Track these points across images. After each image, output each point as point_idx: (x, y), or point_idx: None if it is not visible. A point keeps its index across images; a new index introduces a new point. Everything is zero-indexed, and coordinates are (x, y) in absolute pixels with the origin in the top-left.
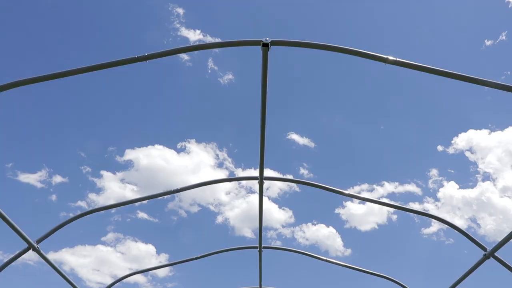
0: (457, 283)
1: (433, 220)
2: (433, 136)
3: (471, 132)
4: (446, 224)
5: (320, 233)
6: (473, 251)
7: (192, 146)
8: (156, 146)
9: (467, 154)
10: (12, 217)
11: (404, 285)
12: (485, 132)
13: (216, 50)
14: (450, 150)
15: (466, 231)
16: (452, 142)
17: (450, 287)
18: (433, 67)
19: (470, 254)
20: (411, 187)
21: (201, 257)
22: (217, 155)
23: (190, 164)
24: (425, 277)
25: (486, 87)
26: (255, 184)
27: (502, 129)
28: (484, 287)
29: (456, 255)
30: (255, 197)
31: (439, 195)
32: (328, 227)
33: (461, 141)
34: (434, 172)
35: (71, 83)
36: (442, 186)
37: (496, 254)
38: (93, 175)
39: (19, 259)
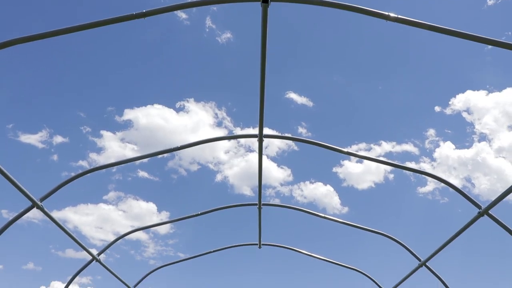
0: (452, 239)
1: (429, 179)
2: (430, 97)
3: (469, 93)
4: (441, 181)
5: (318, 192)
6: (467, 209)
7: (191, 105)
8: (155, 105)
9: (464, 115)
10: (15, 177)
11: (400, 241)
12: (482, 93)
13: (214, 8)
14: (448, 111)
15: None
16: (450, 102)
17: (445, 243)
18: (435, 25)
19: (464, 213)
20: (408, 147)
21: (201, 213)
22: (216, 114)
23: (189, 123)
24: (420, 234)
25: (486, 48)
26: (253, 142)
27: (499, 90)
28: (477, 244)
29: (450, 214)
30: (253, 156)
31: (435, 155)
32: (325, 185)
33: (459, 102)
34: (431, 132)
35: (70, 43)
36: (438, 146)
37: (490, 212)
38: (93, 135)
39: (24, 217)
